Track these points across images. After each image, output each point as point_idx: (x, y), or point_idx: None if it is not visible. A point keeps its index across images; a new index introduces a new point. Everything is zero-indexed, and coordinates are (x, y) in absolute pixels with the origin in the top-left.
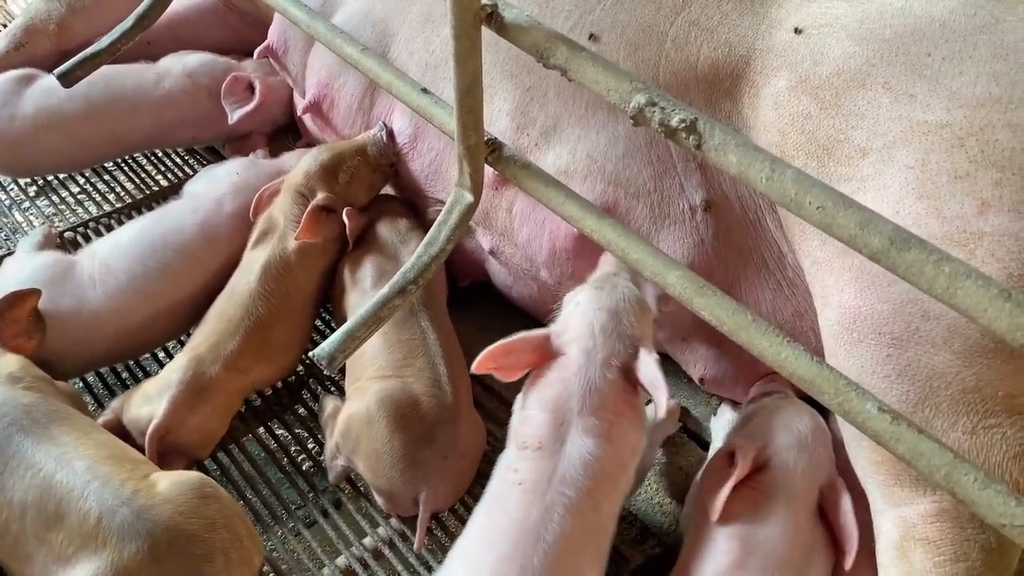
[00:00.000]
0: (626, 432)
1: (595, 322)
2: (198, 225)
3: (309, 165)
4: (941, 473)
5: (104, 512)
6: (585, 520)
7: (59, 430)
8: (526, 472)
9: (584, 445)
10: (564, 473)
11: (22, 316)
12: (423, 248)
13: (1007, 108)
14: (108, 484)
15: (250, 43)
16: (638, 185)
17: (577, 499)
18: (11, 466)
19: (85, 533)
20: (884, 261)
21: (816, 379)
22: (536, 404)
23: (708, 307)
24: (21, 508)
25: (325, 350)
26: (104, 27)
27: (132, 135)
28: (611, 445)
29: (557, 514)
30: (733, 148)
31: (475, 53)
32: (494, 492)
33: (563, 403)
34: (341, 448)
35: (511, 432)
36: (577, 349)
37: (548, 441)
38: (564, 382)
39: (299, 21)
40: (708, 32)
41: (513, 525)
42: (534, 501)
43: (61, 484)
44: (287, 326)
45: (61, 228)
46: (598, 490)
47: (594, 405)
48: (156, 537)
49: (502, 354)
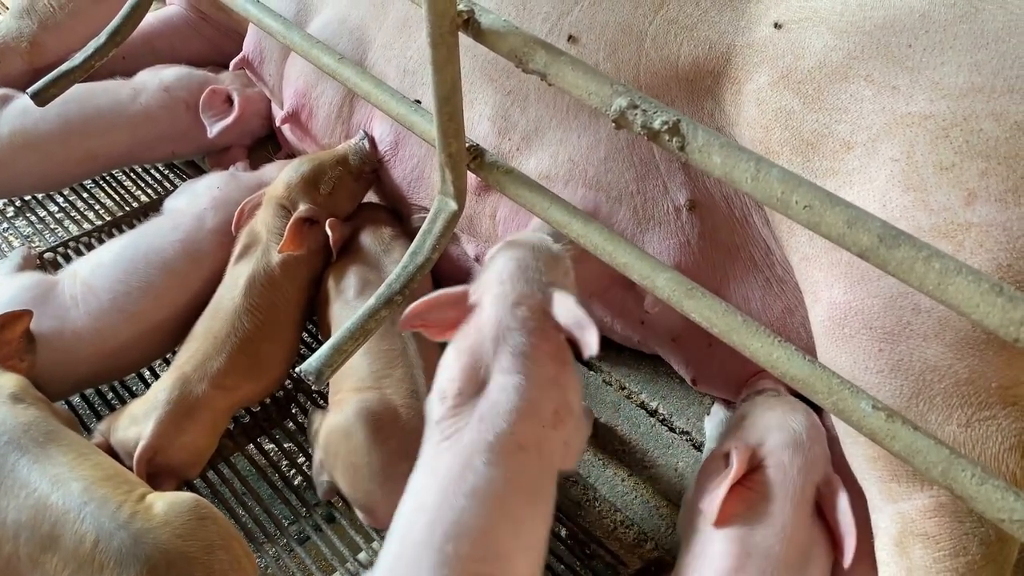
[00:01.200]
0: (545, 363)
1: (503, 271)
2: (180, 242)
3: (290, 177)
4: (938, 470)
5: (101, 536)
6: (509, 458)
7: (56, 450)
8: (446, 422)
9: (500, 382)
10: (483, 414)
11: (13, 338)
12: (408, 258)
13: (990, 97)
14: (105, 506)
15: (226, 54)
16: (620, 188)
17: (497, 440)
18: (6, 485)
19: (81, 557)
20: (873, 259)
21: (809, 378)
22: (452, 353)
23: (698, 309)
24: (15, 529)
25: (312, 365)
26: (77, 43)
27: (110, 152)
28: (529, 378)
29: (475, 453)
30: (717, 149)
31: (453, 60)
32: (424, 454)
33: (478, 347)
34: (324, 464)
35: (433, 391)
36: (489, 298)
37: (466, 386)
38: (478, 328)
39: (274, 32)
40: (687, 30)
41: (437, 481)
42: (456, 450)
43: (56, 506)
44: (274, 340)
45: (41, 248)
46: (519, 425)
47: (510, 343)
48: (155, 561)
49: (425, 309)
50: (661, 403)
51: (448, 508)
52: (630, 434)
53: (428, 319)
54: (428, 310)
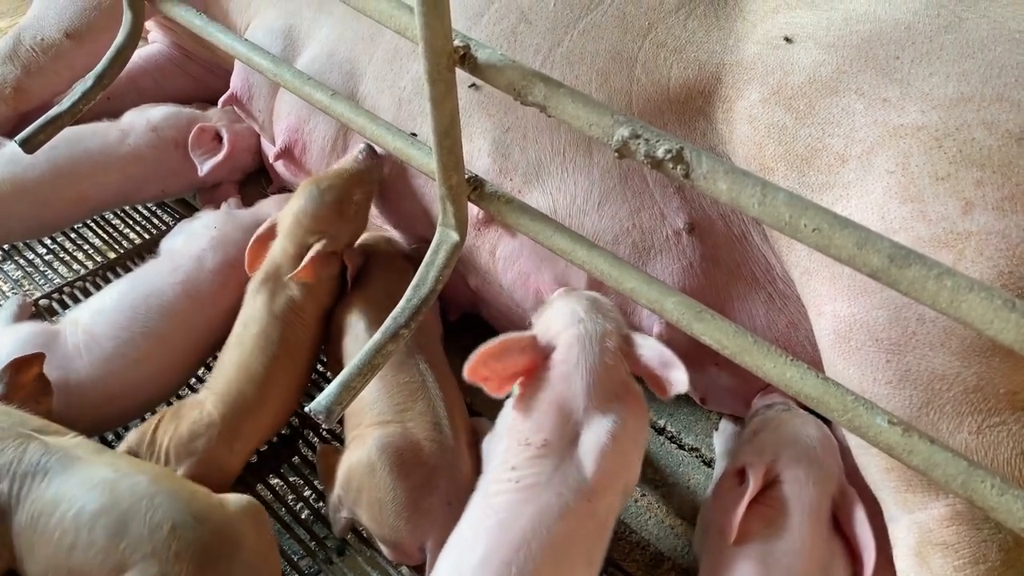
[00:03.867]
0: (633, 425)
1: (578, 307)
2: (180, 284)
3: (316, 208)
4: (958, 482)
5: (177, 522)
6: (580, 525)
7: (111, 455)
8: (524, 470)
9: (593, 441)
10: (565, 473)
11: (28, 381)
12: (412, 291)
13: (980, 106)
14: (177, 496)
15: (212, 90)
16: (617, 229)
17: (575, 502)
18: (72, 482)
19: (156, 542)
20: (885, 279)
21: (823, 396)
22: (538, 404)
23: (708, 331)
24: (91, 519)
25: (322, 403)
26: (62, 86)
27: (101, 194)
28: (618, 442)
29: (550, 517)
30: (722, 175)
31: (451, 95)
32: (486, 489)
33: (569, 401)
34: (343, 500)
35: (505, 429)
36: (569, 337)
37: (555, 438)
38: (566, 379)
39: (264, 70)
40: (676, 52)
41: (500, 526)
42: (528, 500)
43: (126, 495)
44: (291, 372)
45: (35, 296)
46: (598, 491)
47: (600, 398)
48: (229, 551)
49: (495, 356)
50: (669, 421)
51: (523, 558)
52: None
53: (494, 367)
54: (495, 356)
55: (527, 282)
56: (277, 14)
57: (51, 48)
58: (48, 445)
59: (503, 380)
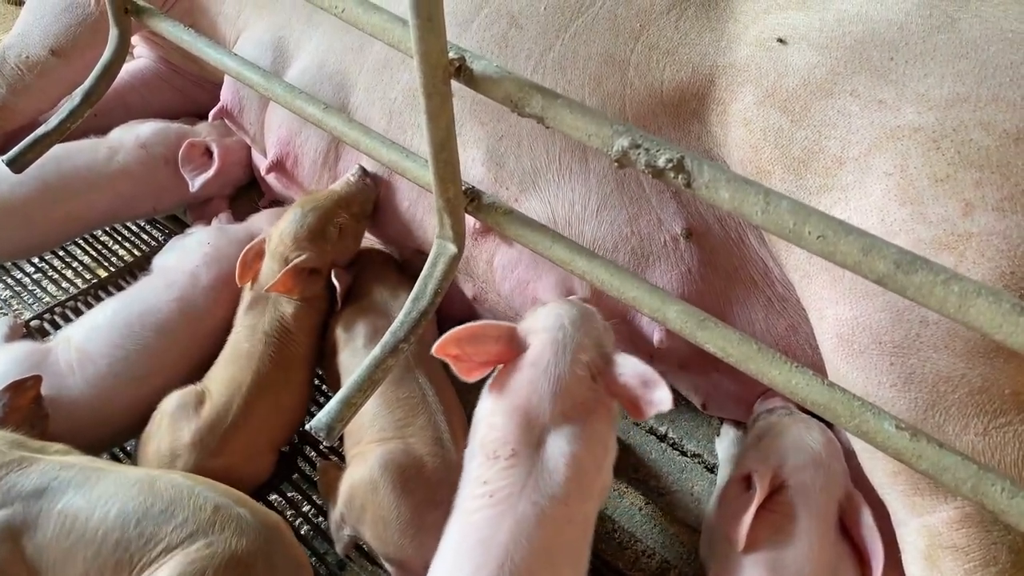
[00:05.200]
0: (600, 431)
1: (565, 315)
2: (175, 301)
3: (296, 230)
4: (968, 486)
5: (221, 505)
6: (559, 531)
7: (129, 466)
8: (496, 483)
9: (559, 448)
10: (537, 481)
11: (24, 404)
12: (411, 304)
13: (976, 107)
14: (215, 487)
15: (200, 104)
16: (616, 236)
17: (551, 508)
18: (97, 491)
19: (201, 520)
20: (891, 285)
21: (830, 403)
22: (504, 410)
23: (712, 339)
24: (122, 519)
25: (322, 421)
26: (48, 104)
27: (91, 213)
28: (585, 447)
29: (528, 527)
30: (724, 184)
31: (447, 108)
32: (462, 508)
33: (534, 406)
34: (346, 518)
35: (475, 442)
36: (545, 340)
37: (521, 447)
38: (533, 383)
39: (255, 84)
40: (669, 54)
41: (481, 544)
42: (505, 513)
43: (166, 489)
44: (291, 391)
45: (26, 316)
46: (573, 496)
47: (567, 405)
48: (268, 536)
49: (467, 338)
50: (670, 427)
51: (508, 573)
52: (642, 461)
53: (465, 350)
54: (468, 339)
55: (525, 290)
56: (266, 27)
57: (36, 66)
58: (61, 462)
59: (474, 365)
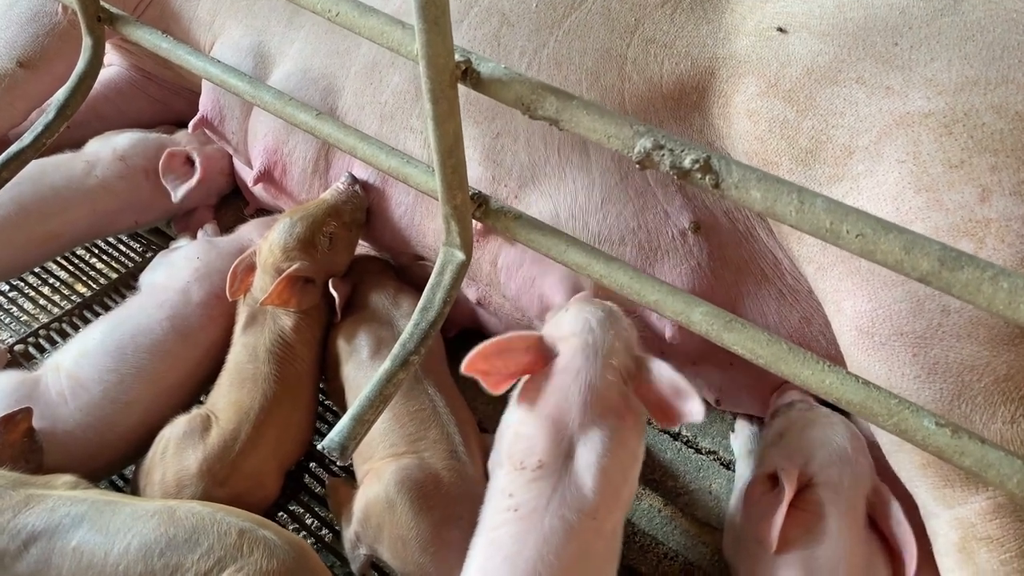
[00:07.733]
0: (629, 439)
1: (591, 317)
2: (168, 320)
3: (285, 241)
4: (1014, 481)
5: (245, 529)
6: (587, 546)
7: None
8: (521, 496)
9: (587, 459)
10: (564, 494)
11: (16, 439)
12: (419, 315)
13: (986, 90)
14: (236, 513)
15: (176, 112)
16: (622, 229)
17: (579, 521)
18: (115, 524)
19: (227, 545)
20: (936, 283)
21: (866, 402)
22: (532, 418)
23: (740, 341)
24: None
25: (335, 440)
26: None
27: (71, 230)
28: (614, 457)
29: (555, 542)
30: (755, 183)
31: (454, 113)
32: (488, 523)
33: (563, 414)
34: (362, 538)
35: (501, 453)
36: (575, 345)
37: (550, 458)
38: (563, 390)
39: (241, 92)
40: (666, 47)
41: (507, 561)
42: (531, 529)
43: (187, 518)
44: (297, 407)
45: (9, 340)
46: (602, 508)
47: (596, 412)
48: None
49: (495, 353)
50: (683, 425)
51: None
52: (658, 462)
53: (494, 364)
54: (496, 353)
55: (532, 287)
56: (244, 31)
57: (4, 79)
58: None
59: (502, 378)
